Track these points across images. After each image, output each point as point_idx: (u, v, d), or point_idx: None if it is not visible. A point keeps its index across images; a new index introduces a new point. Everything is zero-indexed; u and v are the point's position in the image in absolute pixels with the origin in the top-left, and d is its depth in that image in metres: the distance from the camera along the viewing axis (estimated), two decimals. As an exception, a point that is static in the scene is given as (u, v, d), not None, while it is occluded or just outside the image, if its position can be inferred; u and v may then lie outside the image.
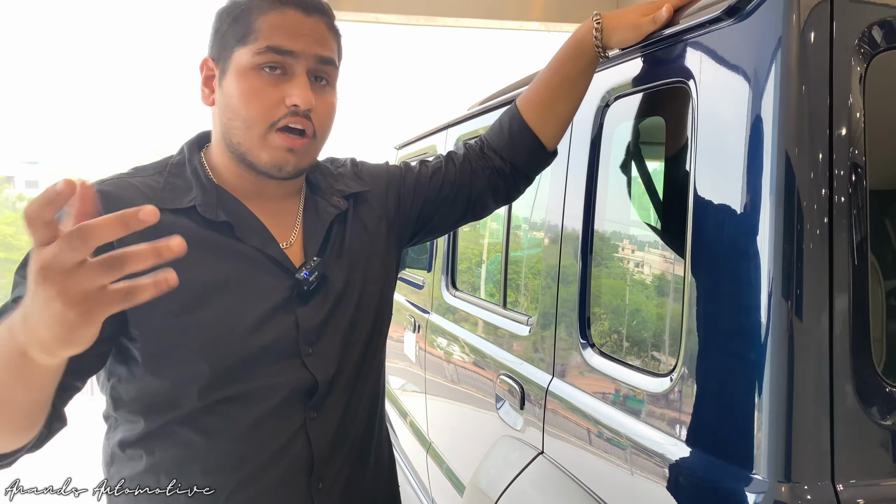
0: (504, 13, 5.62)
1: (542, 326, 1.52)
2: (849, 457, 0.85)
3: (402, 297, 2.99)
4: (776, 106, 0.88)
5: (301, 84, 0.97)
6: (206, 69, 1.03)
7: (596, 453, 1.24)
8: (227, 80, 0.99)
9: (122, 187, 0.98)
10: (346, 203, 1.14)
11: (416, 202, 1.24)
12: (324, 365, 1.04)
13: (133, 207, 0.61)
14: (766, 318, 0.87)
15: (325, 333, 1.04)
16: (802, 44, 0.87)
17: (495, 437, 1.68)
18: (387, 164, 1.29)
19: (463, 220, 1.30)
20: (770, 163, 0.88)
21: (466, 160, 1.27)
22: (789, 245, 0.86)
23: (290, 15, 0.98)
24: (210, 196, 1.01)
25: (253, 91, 0.97)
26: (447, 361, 2.28)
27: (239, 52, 0.98)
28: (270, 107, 0.97)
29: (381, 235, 1.18)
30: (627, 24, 1.15)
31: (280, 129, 0.98)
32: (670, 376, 1.05)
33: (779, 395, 0.85)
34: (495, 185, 1.27)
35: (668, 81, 1.12)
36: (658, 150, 1.24)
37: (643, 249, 1.33)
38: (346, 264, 1.10)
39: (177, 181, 1.02)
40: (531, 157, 1.26)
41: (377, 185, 1.22)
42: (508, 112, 1.27)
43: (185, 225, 0.97)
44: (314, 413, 1.03)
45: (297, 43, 0.97)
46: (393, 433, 3.23)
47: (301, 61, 0.98)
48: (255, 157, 0.99)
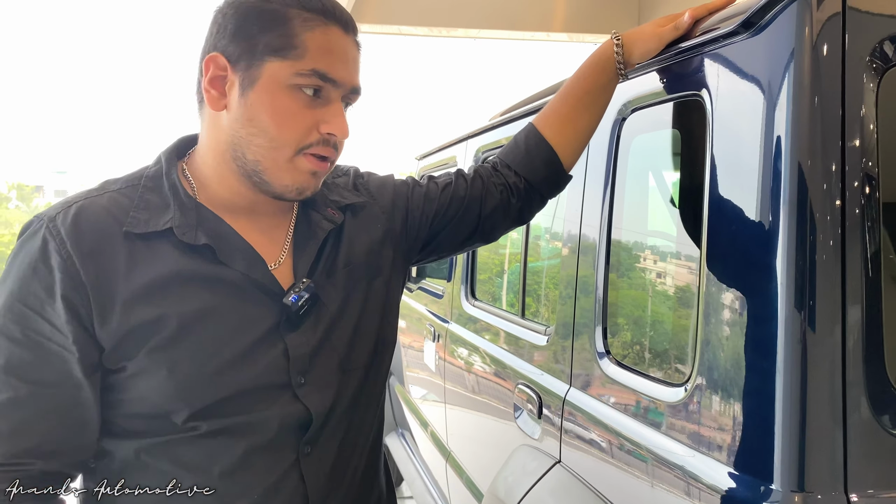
0: (526, 24, 5.65)
1: (559, 336, 1.53)
2: (862, 467, 0.85)
3: (421, 306, 3.01)
4: (789, 118, 0.89)
5: (338, 112, 0.93)
6: (214, 67, 0.91)
7: (612, 463, 1.24)
8: (255, 92, 0.90)
9: (90, 211, 0.89)
10: (342, 215, 1.04)
11: (425, 217, 1.15)
12: (318, 395, 0.95)
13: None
14: (780, 328, 0.87)
15: (318, 361, 0.96)
16: (815, 57, 0.88)
17: (513, 446, 1.70)
18: (391, 176, 1.20)
19: (471, 241, 1.22)
20: (784, 174, 0.89)
21: (478, 176, 1.20)
22: (802, 256, 0.86)
23: (334, 34, 0.92)
24: (189, 216, 0.91)
25: (289, 112, 0.90)
26: (466, 371, 2.30)
27: (275, 65, 0.89)
28: (304, 131, 0.91)
29: (384, 252, 1.08)
30: (647, 36, 1.16)
31: (308, 154, 0.92)
32: (685, 386, 1.05)
33: (792, 405, 0.86)
34: (507, 201, 1.19)
35: (683, 94, 1.14)
36: (674, 162, 1.25)
37: (660, 260, 1.34)
38: (342, 283, 1.01)
39: (152, 198, 0.92)
40: (547, 174, 1.21)
41: (383, 198, 1.13)
42: (524, 129, 1.24)
43: (162, 251, 0.89)
44: (308, 448, 0.95)
45: (343, 72, 0.92)
46: (413, 443, 3.24)
47: (339, 90, 0.93)
48: (274, 179, 0.92)
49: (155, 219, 0.90)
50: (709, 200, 1.02)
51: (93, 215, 0.88)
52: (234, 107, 0.91)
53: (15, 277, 0.86)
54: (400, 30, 5.52)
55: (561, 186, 1.26)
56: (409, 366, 3.23)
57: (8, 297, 0.86)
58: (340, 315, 0.99)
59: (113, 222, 0.89)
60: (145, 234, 0.89)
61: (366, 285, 1.04)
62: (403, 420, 3.43)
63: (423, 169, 3.40)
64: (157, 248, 0.89)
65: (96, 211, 0.89)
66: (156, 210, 0.91)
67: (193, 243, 0.90)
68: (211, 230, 0.92)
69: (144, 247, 0.89)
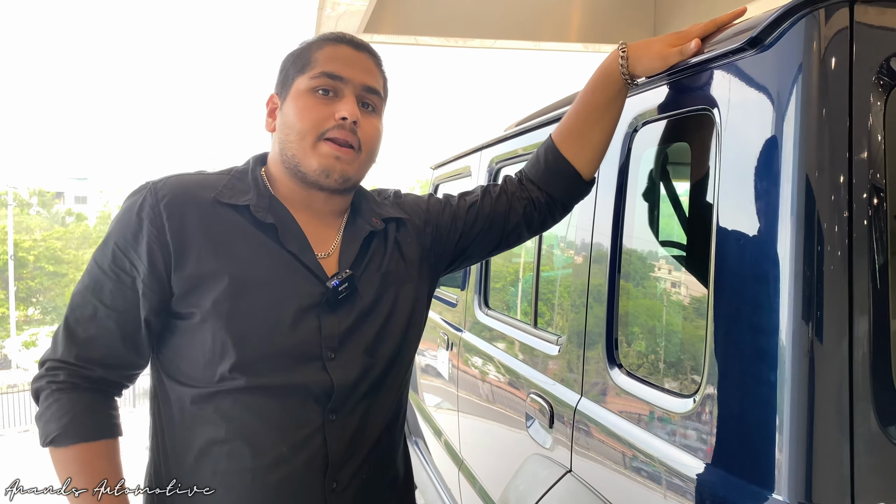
0: (541, 34, 5.65)
1: (571, 346, 1.55)
2: (869, 479, 0.85)
3: (436, 314, 3.02)
4: (797, 131, 0.90)
5: (349, 101, 1.11)
6: (271, 104, 1.19)
7: (622, 472, 1.25)
8: (287, 103, 1.14)
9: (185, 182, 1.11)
10: (383, 224, 1.21)
11: (453, 235, 1.29)
12: (343, 371, 1.10)
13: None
14: (788, 340, 0.88)
15: (348, 342, 1.11)
16: (823, 72, 0.90)
17: (525, 455, 1.70)
18: (429, 196, 1.35)
19: (498, 249, 1.35)
20: (791, 187, 0.90)
21: (503, 192, 1.31)
22: (810, 268, 0.87)
23: (342, 49, 1.15)
24: (263, 200, 1.12)
25: (307, 108, 1.11)
26: (479, 379, 2.31)
27: (298, 80, 1.13)
28: (321, 120, 1.10)
29: (415, 264, 1.24)
30: (653, 53, 1.18)
31: (328, 139, 1.10)
32: (694, 397, 1.06)
33: (799, 416, 0.87)
34: (530, 215, 1.31)
35: (693, 109, 1.15)
36: (683, 175, 1.26)
37: (670, 272, 1.35)
38: (378, 282, 1.17)
39: (238, 184, 1.14)
40: (567, 186, 1.30)
41: (416, 217, 1.28)
42: (544, 144, 1.32)
43: (238, 221, 1.09)
44: (333, 415, 1.09)
45: (348, 71, 1.13)
46: (427, 451, 3.25)
47: (350, 87, 1.13)
48: (306, 166, 1.11)
49: (237, 196, 1.11)
50: (718, 212, 1.03)
51: (187, 185, 1.10)
52: (278, 121, 1.15)
53: (116, 222, 1.10)
54: (416, 40, 5.56)
55: (582, 194, 1.33)
56: (423, 374, 3.24)
57: (107, 235, 1.10)
58: (372, 309, 1.15)
59: (204, 192, 1.10)
60: (229, 204, 1.10)
61: (397, 290, 1.19)
62: (417, 428, 3.44)
63: (437, 178, 3.42)
64: (235, 218, 1.10)
65: (190, 183, 1.11)
66: (239, 192, 1.12)
67: (263, 220, 1.10)
68: (277, 214, 1.12)
69: (226, 214, 1.10)
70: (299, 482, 1.07)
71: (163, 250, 1.05)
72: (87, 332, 1.07)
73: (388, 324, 1.16)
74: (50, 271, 23.91)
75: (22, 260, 23.44)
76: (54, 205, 31.32)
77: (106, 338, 1.08)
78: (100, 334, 1.08)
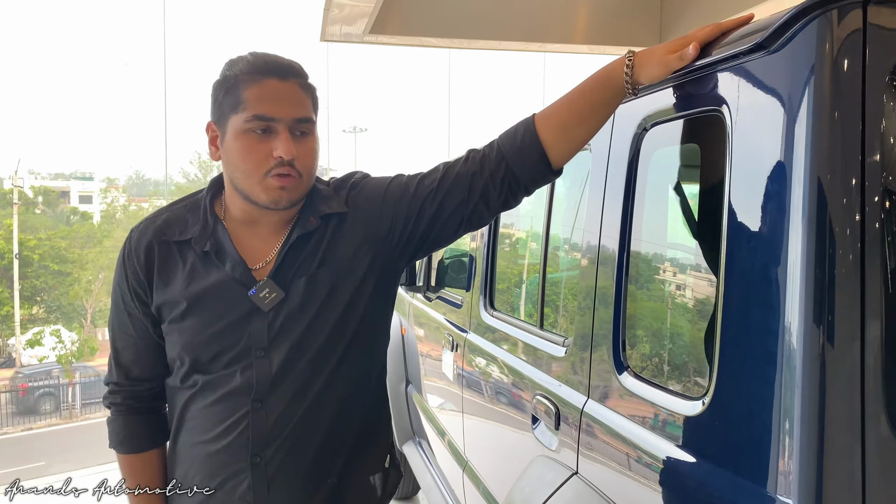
0: (547, 36, 5.64)
1: (578, 348, 1.54)
2: (880, 484, 0.85)
3: (440, 315, 3.02)
4: (809, 133, 0.90)
5: (284, 140, 1.21)
6: (210, 131, 1.30)
7: (629, 475, 1.25)
8: (227, 141, 1.25)
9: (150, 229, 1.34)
10: (318, 222, 1.30)
11: (411, 223, 1.31)
12: (267, 367, 1.27)
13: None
14: (799, 342, 0.88)
15: (277, 342, 1.27)
16: (835, 73, 0.89)
17: (530, 456, 1.70)
18: (390, 181, 1.36)
19: (459, 232, 1.35)
20: (802, 190, 0.89)
21: (464, 175, 1.29)
22: (822, 271, 0.87)
23: (269, 84, 1.22)
24: (206, 230, 1.30)
25: (247, 149, 1.22)
26: (484, 381, 2.30)
27: (233, 119, 1.23)
28: (262, 160, 1.22)
29: (361, 256, 1.31)
30: (655, 60, 1.18)
31: (272, 175, 1.22)
32: (703, 400, 1.06)
33: (810, 420, 0.86)
34: (490, 197, 1.29)
35: (703, 110, 1.14)
36: (693, 177, 1.26)
37: (678, 274, 1.34)
38: (307, 283, 1.28)
39: (190, 216, 1.33)
40: (534, 171, 1.28)
41: (369, 207, 1.33)
42: (525, 122, 1.29)
43: (186, 253, 1.31)
44: (258, 404, 1.28)
45: (277, 110, 1.22)
46: (431, 452, 3.25)
47: (282, 124, 1.22)
48: (256, 197, 1.25)
49: (184, 232, 1.31)
50: (728, 214, 1.03)
51: (150, 232, 1.33)
52: (222, 155, 1.28)
53: (115, 270, 1.37)
54: (422, 41, 5.55)
55: (546, 182, 1.33)
56: (427, 375, 3.24)
57: (113, 282, 1.38)
58: (299, 309, 1.27)
59: (161, 234, 1.32)
60: (178, 241, 1.31)
61: (332, 286, 1.29)
62: (421, 429, 3.43)
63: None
64: (183, 250, 1.31)
65: (153, 228, 1.33)
66: (188, 225, 1.32)
67: (202, 249, 1.29)
68: (216, 241, 1.30)
69: (176, 250, 1.31)
70: (229, 455, 1.30)
71: (141, 286, 1.32)
72: (127, 357, 1.38)
73: (315, 320, 1.28)
74: (54, 270, 23.94)
75: (27, 259, 23.48)
76: (59, 204, 31.37)
77: (143, 358, 1.37)
78: (137, 357, 1.37)
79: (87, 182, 37.24)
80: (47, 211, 29.48)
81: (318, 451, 1.32)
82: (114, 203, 29.06)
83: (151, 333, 1.35)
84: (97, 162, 37.93)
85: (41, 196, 30.15)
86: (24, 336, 23.56)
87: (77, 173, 37.19)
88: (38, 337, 22.67)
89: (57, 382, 20.14)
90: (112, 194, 30.02)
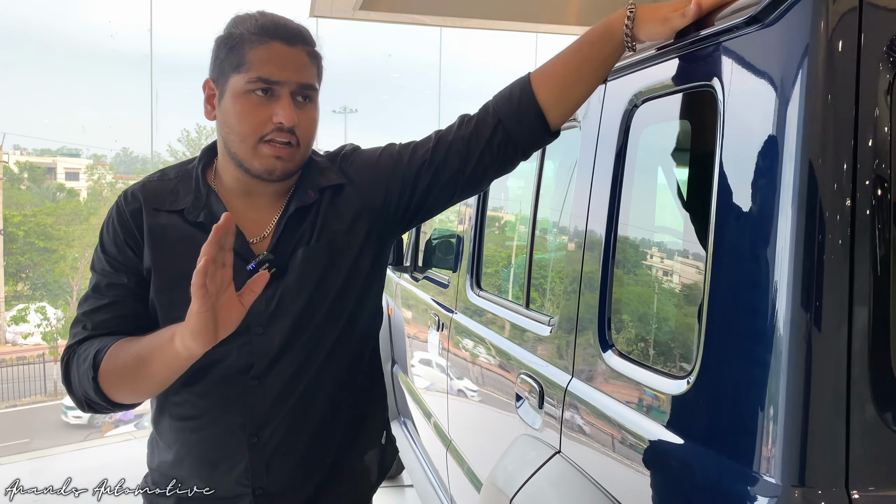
0: (540, 16, 5.61)
1: (563, 328, 1.53)
2: (864, 464, 0.85)
3: (427, 295, 3.01)
4: (801, 113, 0.88)
5: (285, 105, 1.16)
6: (208, 89, 1.23)
7: (612, 454, 1.24)
8: (225, 101, 1.19)
9: (142, 191, 1.26)
10: (317, 195, 1.25)
11: (405, 193, 1.27)
12: (267, 346, 1.22)
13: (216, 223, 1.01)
14: (785, 325, 0.87)
15: (276, 318, 1.22)
16: (830, 52, 0.87)
17: (514, 435, 1.70)
18: (382, 151, 1.32)
19: (454, 200, 1.32)
20: (793, 171, 0.88)
21: (458, 141, 1.25)
22: (810, 255, 0.86)
23: (275, 47, 1.17)
24: (199, 200, 1.23)
25: (246, 111, 1.16)
26: (470, 360, 2.30)
27: (234, 79, 1.17)
28: (260, 124, 1.16)
29: (357, 228, 1.27)
30: (658, 17, 1.14)
31: (268, 142, 1.17)
32: (687, 379, 1.05)
33: (795, 400, 0.86)
34: (486, 162, 1.25)
35: (694, 85, 1.13)
36: (683, 155, 1.25)
37: (666, 253, 1.33)
38: (309, 256, 1.23)
39: (181, 186, 1.26)
40: (532, 134, 1.24)
41: (361, 178, 1.29)
42: (520, 82, 1.25)
43: (176, 222, 1.23)
44: (256, 381, 1.22)
45: (282, 73, 1.16)
46: (415, 432, 3.25)
47: (285, 87, 1.17)
48: (249, 164, 1.19)
49: (176, 202, 1.24)
50: (717, 195, 1.01)
51: (142, 194, 1.25)
52: (218, 115, 1.22)
53: (100, 236, 1.27)
54: (413, 18, 5.50)
55: (545, 142, 1.29)
56: (413, 355, 3.23)
57: (98, 248, 1.27)
58: (298, 284, 1.22)
59: (152, 203, 1.25)
60: (168, 211, 1.24)
61: (330, 260, 1.24)
62: (406, 409, 3.44)
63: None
64: (175, 220, 1.23)
65: (143, 195, 1.25)
66: (180, 196, 1.25)
67: (194, 220, 1.22)
68: (210, 211, 1.22)
69: (166, 218, 1.24)
70: (225, 436, 1.25)
71: (135, 244, 1.23)
72: (106, 313, 1.24)
73: (315, 295, 1.23)
74: (40, 247, 23.71)
75: (12, 235, 23.26)
76: (45, 180, 31.04)
77: (126, 315, 1.24)
78: (120, 313, 1.24)
79: (73, 158, 36.88)
80: (33, 187, 29.18)
81: (316, 429, 1.28)
82: (100, 180, 28.77)
83: (136, 289, 1.24)
84: (84, 138, 37.45)
85: (27, 172, 29.83)
86: (9, 313, 23.40)
87: (64, 149, 36.78)
88: (23, 314, 22.52)
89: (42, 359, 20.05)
90: (99, 171, 29.70)
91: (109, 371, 1.15)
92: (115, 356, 1.15)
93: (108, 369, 1.15)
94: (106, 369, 1.15)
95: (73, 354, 1.20)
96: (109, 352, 1.16)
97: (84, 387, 1.16)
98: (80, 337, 1.21)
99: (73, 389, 1.19)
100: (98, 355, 1.15)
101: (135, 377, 1.15)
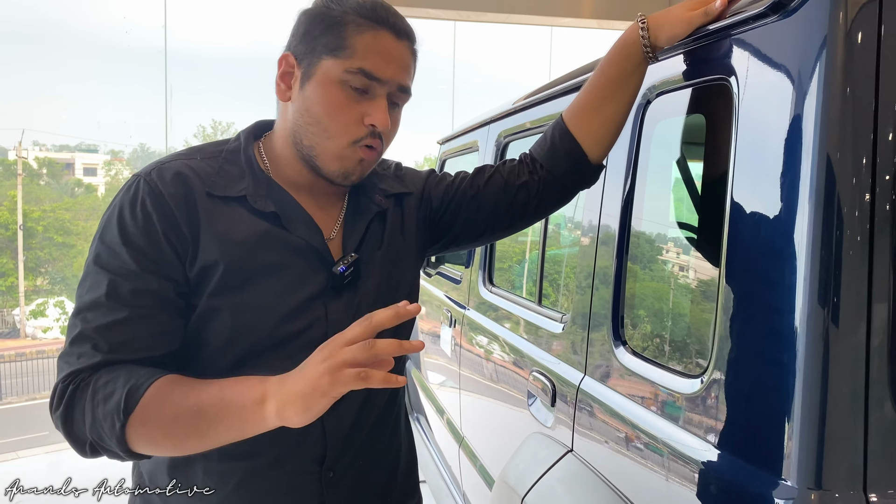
0: (555, 10, 5.58)
1: (575, 325, 1.52)
2: (883, 466, 0.83)
3: (440, 291, 3.00)
4: (819, 107, 0.86)
5: (381, 107, 1.02)
6: (285, 65, 1.05)
7: (625, 453, 1.23)
8: (311, 85, 1.02)
9: (180, 170, 1.02)
10: (388, 202, 1.17)
11: (441, 214, 1.25)
12: None
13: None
14: (802, 323, 0.85)
15: None
16: (849, 44, 0.85)
17: (526, 433, 1.69)
18: (428, 174, 1.30)
19: (489, 234, 1.29)
20: (811, 166, 0.86)
21: (498, 173, 1.26)
22: (828, 251, 0.84)
23: (383, 38, 1.02)
24: (261, 186, 1.04)
25: (337, 105, 1.01)
26: (482, 357, 2.29)
27: (328, 63, 1.01)
28: (351, 123, 1.02)
29: (414, 238, 1.21)
30: (675, 19, 1.12)
31: (361, 146, 1.03)
32: (702, 378, 1.03)
33: (812, 401, 0.84)
34: (525, 197, 1.24)
35: (709, 79, 1.11)
36: (698, 149, 1.23)
37: (680, 250, 1.31)
38: (381, 263, 1.13)
39: (230, 168, 1.05)
40: (571, 166, 1.22)
41: (416, 189, 1.24)
42: (554, 121, 1.25)
43: (236, 213, 1.02)
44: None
45: (387, 71, 1.02)
46: (428, 428, 3.25)
47: (385, 87, 1.02)
48: (325, 164, 1.04)
49: (231, 185, 1.03)
50: (732, 190, 0.99)
51: (181, 173, 1.01)
52: (296, 98, 1.04)
53: (116, 224, 0.97)
54: (428, 13, 5.49)
55: (587, 178, 1.26)
56: (426, 351, 3.23)
57: (112, 240, 0.97)
58: (377, 290, 1.11)
59: (198, 181, 1.01)
60: (224, 197, 1.02)
61: (400, 267, 1.16)
62: (419, 404, 3.43)
63: (444, 153, 3.38)
64: (233, 209, 1.02)
65: (184, 170, 1.02)
66: (232, 179, 1.04)
67: (263, 210, 1.03)
68: (278, 200, 1.05)
69: (223, 206, 1.02)
70: (296, 477, 1.05)
71: (178, 237, 0.97)
72: (127, 332, 0.95)
73: (390, 300, 1.05)
74: (59, 242, 23.97)
75: (31, 230, 23.51)
76: (64, 176, 31.36)
77: (153, 332, 0.97)
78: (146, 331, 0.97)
79: (91, 154, 37.18)
80: (51, 182, 29.47)
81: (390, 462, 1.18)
82: (118, 176, 29.00)
83: (172, 297, 0.98)
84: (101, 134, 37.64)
85: (45, 168, 30.13)
86: (28, 307, 23.66)
87: (82, 145, 37.08)
88: (42, 308, 22.77)
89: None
90: (116, 167, 29.96)
91: (149, 421, 0.88)
92: (160, 403, 0.88)
93: (149, 419, 0.88)
94: (144, 417, 0.88)
95: (84, 385, 0.91)
96: (150, 394, 0.88)
97: (100, 431, 0.89)
98: (92, 362, 0.92)
99: (76, 430, 0.91)
100: (131, 397, 0.88)
101: (187, 434, 0.89)
